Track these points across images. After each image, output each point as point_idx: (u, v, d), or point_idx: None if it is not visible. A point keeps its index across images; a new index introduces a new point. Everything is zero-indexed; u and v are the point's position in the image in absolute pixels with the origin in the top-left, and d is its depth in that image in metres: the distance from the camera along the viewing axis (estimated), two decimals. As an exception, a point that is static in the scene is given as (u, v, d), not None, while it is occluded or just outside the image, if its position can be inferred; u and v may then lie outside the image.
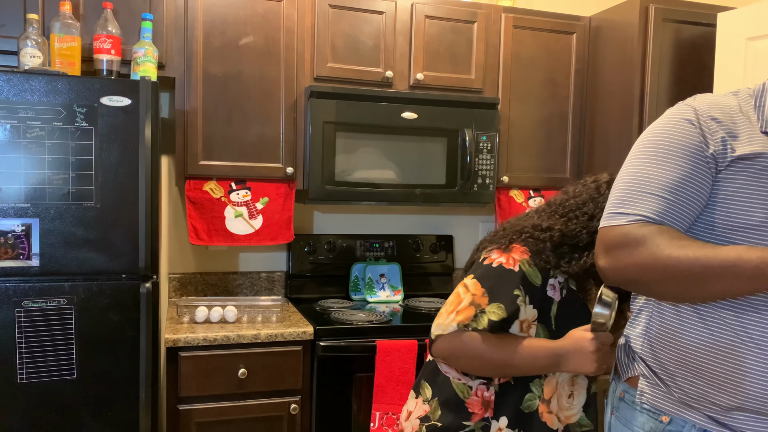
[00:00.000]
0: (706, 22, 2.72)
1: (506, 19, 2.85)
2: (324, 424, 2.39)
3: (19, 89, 1.93)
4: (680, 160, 1.12)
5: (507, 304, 1.29)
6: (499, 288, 1.30)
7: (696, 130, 1.13)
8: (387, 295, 2.94)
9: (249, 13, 2.53)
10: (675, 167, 1.12)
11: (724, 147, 1.11)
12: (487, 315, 1.28)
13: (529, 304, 1.31)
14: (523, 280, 1.31)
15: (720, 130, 1.12)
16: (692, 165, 1.12)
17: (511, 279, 1.31)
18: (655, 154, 1.15)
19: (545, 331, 1.35)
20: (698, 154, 1.12)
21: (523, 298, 1.30)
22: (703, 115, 1.14)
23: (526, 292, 1.31)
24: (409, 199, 2.67)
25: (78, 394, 2.02)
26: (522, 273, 1.31)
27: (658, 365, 1.22)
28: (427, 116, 2.66)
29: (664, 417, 1.21)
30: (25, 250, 1.97)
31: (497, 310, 1.28)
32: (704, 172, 1.12)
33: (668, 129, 1.16)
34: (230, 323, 2.41)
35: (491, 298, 1.29)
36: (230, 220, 2.61)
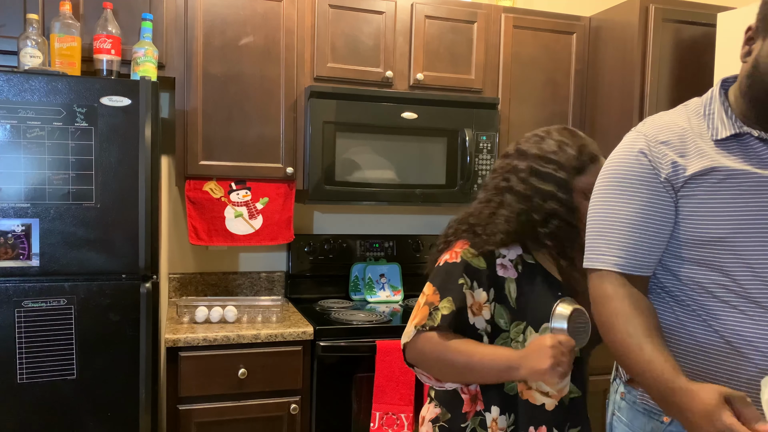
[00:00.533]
0: (706, 22, 2.72)
1: (506, 19, 2.85)
2: (324, 424, 2.39)
3: (19, 89, 1.93)
4: (639, 192, 1.15)
5: (455, 295, 1.31)
6: (446, 283, 1.33)
7: (646, 159, 1.16)
8: (387, 295, 2.94)
9: (249, 13, 2.53)
10: (635, 201, 1.15)
11: (675, 169, 1.13)
12: (440, 311, 1.31)
13: (478, 288, 1.33)
14: (466, 267, 1.33)
15: (669, 153, 1.14)
16: (651, 195, 1.15)
17: (455, 270, 1.33)
18: (615, 189, 1.18)
19: (505, 309, 1.35)
20: (654, 183, 1.15)
21: (469, 284, 1.32)
22: (652, 141, 1.17)
23: (471, 278, 1.33)
24: (409, 199, 2.67)
25: (78, 394, 2.02)
26: (464, 262, 1.34)
27: None
28: (427, 116, 2.66)
29: (665, 417, 1.22)
30: (25, 250, 1.97)
31: (447, 304, 1.31)
32: (664, 199, 1.15)
33: (623, 161, 1.19)
34: (230, 323, 2.41)
35: (441, 294, 1.33)
36: (230, 220, 2.61)
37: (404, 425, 2.33)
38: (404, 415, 2.33)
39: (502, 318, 1.35)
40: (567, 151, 1.37)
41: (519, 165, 1.39)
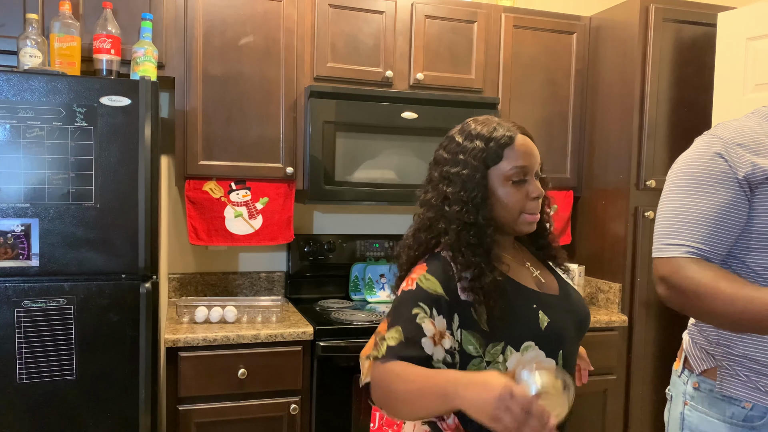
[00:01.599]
0: (706, 22, 2.72)
1: (506, 19, 2.85)
2: (324, 424, 2.39)
3: (18, 89, 1.93)
4: (716, 190, 1.27)
5: (404, 325, 1.18)
6: (398, 313, 1.21)
7: (722, 160, 1.28)
8: (387, 295, 2.94)
9: (249, 13, 2.53)
10: (713, 197, 1.27)
11: (754, 169, 1.25)
12: (386, 341, 1.18)
13: (438, 315, 1.18)
14: (422, 295, 1.20)
15: (746, 154, 1.27)
16: (728, 193, 1.27)
17: (409, 299, 1.21)
18: (691, 187, 1.30)
19: (474, 335, 1.21)
20: (731, 182, 1.27)
21: (426, 312, 1.18)
22: (728, 143, 1.28)
23: (429, 305, 1.19)
24: (409, 199, 2.66)
25: (78, 394, 2.02)
26: (419, 289, 1.21)
27: (737, 358, 1.32)
28: (427, 116, 2.66)
29: (747, 404, 1.31)
30: (24, 250, 1.97)
31: (395, 334, 1.18)
32: (740, 197, 1.27)
33: (699, 161, 1.31)
34: (230, 323, 2.41)
35: (390, 324, 1.20)
36: (230, 220, 2.61)
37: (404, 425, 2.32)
38: (404, 415, 2.32)
39: (470, 344, 1.21)
40: (474, 144, 1.26)
41: (434, 174, 1.32)
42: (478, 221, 1.23)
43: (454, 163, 1.28)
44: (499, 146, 1.26)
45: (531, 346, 1.22)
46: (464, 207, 1.24)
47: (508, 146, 1.26)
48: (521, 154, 1.26)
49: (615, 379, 2.79)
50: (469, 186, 1.24)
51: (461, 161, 1.27)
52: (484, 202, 1.24)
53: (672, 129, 2.75)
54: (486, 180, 1.25)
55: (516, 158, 1.25)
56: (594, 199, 2.98)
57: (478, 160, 1.25)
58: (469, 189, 1.24)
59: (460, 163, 1.27)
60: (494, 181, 1.26)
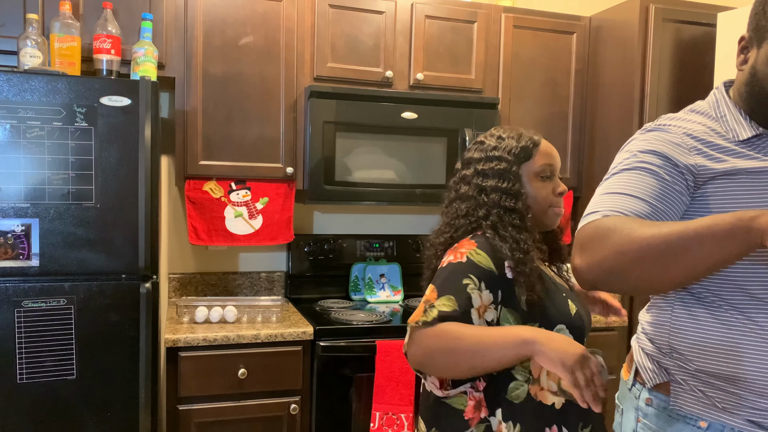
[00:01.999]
0: (706, 22, 2.72)
1: (506, 19, 2.85)
2: (324, 424, 2.39)
3: (19, 89, 1.93)
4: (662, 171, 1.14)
5: (457, 295, 1.24)
6: (447, 282, 1.27)
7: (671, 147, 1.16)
8: (387, 295, 2.94)
9: (249, 13, 2.53)
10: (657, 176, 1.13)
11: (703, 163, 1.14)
12: (437, 308, 1.24)
13: (486, 289, 1.26)
14: (473, 268, 1.27)
15: (697, 145, 1.16)
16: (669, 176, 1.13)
17: (460, 270, 1.28)
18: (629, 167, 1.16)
19: (512, 313, 1.29)
20: (669, 163, 1.14)
21: (476, 284, 1.26)
22: (678, 133, 1.18)
23: (479, 278, 1.26)
24: (409, 199, 2.67)
25: (78, 394, 2.02)
26: (470, 262, 1.28)
27: (690, 372, 1.21)
28: (427, 116, 2.66)
29: (702, 422, 1.19)
30: (24, 250, 1.97)
31: (447, 302, 1.24)
32: (681, 185, 1.13)
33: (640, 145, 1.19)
34: (230, 323, 2.41)
35: (440, 293, 1.27)
36: (230, 220, 2.61)
37: (404, 425, 2.33)
38: (404, 415, 2.33)
39: (507, 321, 1.29)
40: (506, 142, 1.39)
41: (466, 173, 1.42)
42: (518, 207, 1.34)
43: (488, 160, 1.39)
44: (530, 145, 1.39)
45: (563, 329, 1.32)
46: (504, 195, 1.35)
47: (537, 146, 1.40)
48: (548, 154, 1.41)
49: (614, 379, 2.79)
50: (507, 177, 1.36)
51: (495, 157, 1.39)
52: (521, 193, 1.36)
53: (672, 129, 2.75)
54: (519, 174, 1.38)
55: (545, 157, 1.39)
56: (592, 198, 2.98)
57: (512, 155, 1.38)
58: (507, 179, 1.36)
59: (495, 159, 1.39)
60: (525, 176, 1.38)
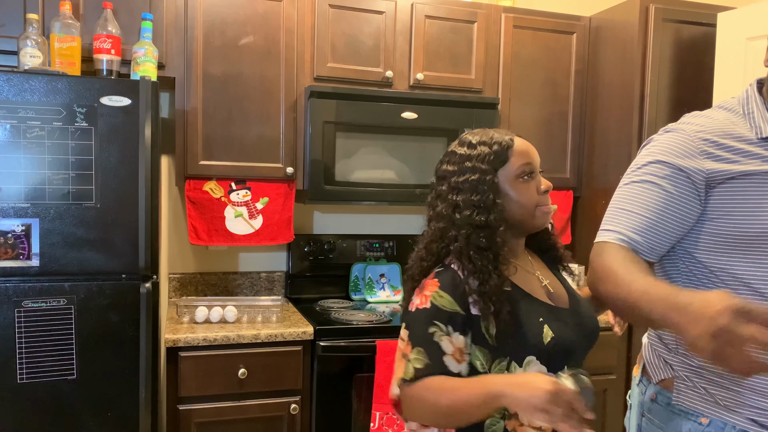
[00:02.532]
0: (706, 22, 2.72)
1: (506, 19, 2.85)
2: (324, 424, 2.39)
3: (19, 89, 1.93)
4: (665, 183, 1.19)
5: (426, 346, 1.20)
6: (416, 331, 1.23)
7: (684, 155, 1.19)
8: (387, 295, 2.94)
9: (249, 13, 2.53)
10: (658, 190, 1.20)
11: (715, 167, 1.17)
12: (411, 363, 1.20)
13: (455, 332, 1.21)
14: (437, 313, 1.22)
15: (710, 149, 1.18)
16: (676, 189, 1.19)
17: (425, 318, 1.22)
18: (641, 178, 1.23)
19: (482, 350, 1.23)
20: (682, 179, 1.19)
21: (443, 330, 1.21)
22: (692, 138, 1.20)
23: (445, 323, 1.21)
24: (409, 199, 2.67)
25: (78, 394, 2.02)
26: (434, 307, 1.22)
27: (694, 368, 1.24)
28: (427, 116, 2.66)
29: (703, 419, 1.21)
30: (25, 250, 1.97)
31: (418, 356, 1.20)
32: (689, 195, 1.19)
33: (659, 154, 1.22)
34: (230, 323, 2.41)
35: (413, 344, 1.22)
36: (230, 220, 2.61)
37: (404, 425, 2.32)
38: (404, 415, 2.32)
39: (478, 360, 1.23)
40: (479, 150, 1.30)
41: (442, 189, 1.33)
42: (490, 222, 1.25)
43: (461, 172, 1.30)
44: (504, 148, 1.29)
45: (533, 361, 1.23)
46: (475, 210, 1.26)
47: (511, 147, 1.30)
48: (524, 153, 1.31)
49: (615, 379, 2.79)
50: (480, 189, 1.27)
51: (468, 168, 1.29)
52: (495, 204, 1.26)
53: (672, 129, 2.75)
54: (496, 182, 1.28)
55: (521, 156, 1.30)
56: (594, 199, 2.99)
57: (486, 163, 1.28)
58: (480, 191, 1.27)
59: (468, 170, 1.29)
60: (504, 182, 1.29)
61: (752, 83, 1.26)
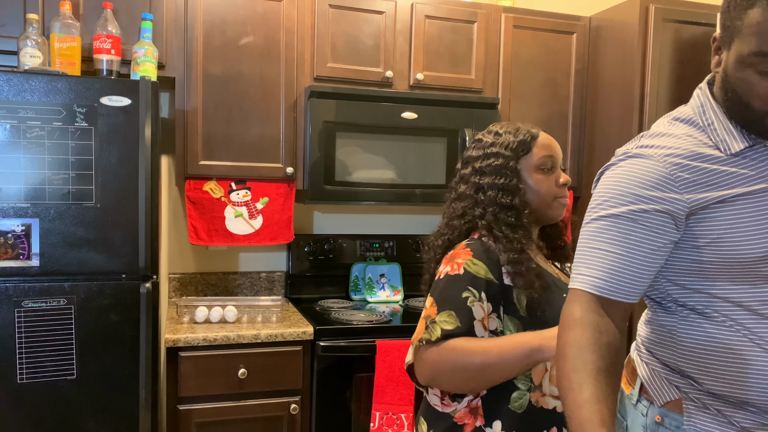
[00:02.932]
0: (706, 22, 2.72)
1: (506, 19, 2.85)
2: (324, 424, 2.39)
3: (19, 89, 1.93)
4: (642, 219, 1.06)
5: (458, 310, 1.23)
6: (446, 296, 1.25)
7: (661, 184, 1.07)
8: (387, 295, 2.94)
9: (249, 13, 2.53)
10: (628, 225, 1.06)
11: (696, 193, 1.06)
12: (438, 324, 1.22)
13: (486, 300, 1.25)
14: (472, 279, 1.25)
15: (685, 173, 1.06)
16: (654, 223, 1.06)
17: (458, 283, 1.25)
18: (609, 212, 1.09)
19: (513, 320, 1.27)
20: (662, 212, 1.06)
21: (475, 296, 1.24)
22: (663, 163, 1.07)
23: (478, 289, 1.25)
24: (409, 199, 2.67)
25: (78, 394, 2.02)
26: (468, 273, 1.26)
27: (704, 389, 1.15)
28: (427, 116, 2.66)
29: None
30: (25, 250, 1.97)
31: (448, 318, 1.22)
32: (667, 227, 1.07)
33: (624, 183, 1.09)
34: (230, 323, 2.41)
35: (440, 307, 1.25)
36: (230, 220, 2.61)
37: (404, 425, 2.33)
38: (404, 415, 2.33)
39: (509, 330, 1.27)
40: (504, 138, 1.37)
41: (465, 172, 1.40)
42: (515, 204, 1.31)
43: (486, 157, 1.37)
44: (528, 139, 1.36)
45: None
46: (500, 192, 1.32)
47: (535, 139, 1.37)
48: (548, 146, 1.37)
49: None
50: (504, 173, 1.33)
51: (493, 153, 1.36)
52: (518, 188, 1.33)
53: (672, 129, 2.75)
54: (518, 168, 1.34)
55: (544, 149, 1.36)
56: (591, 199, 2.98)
57: (510, 150, 1.35)
58: (504, 175, 1.33)
59: (492, 155, 1.36)
60: (525, 171, 1.35)
61: (701, 85, 1.15)
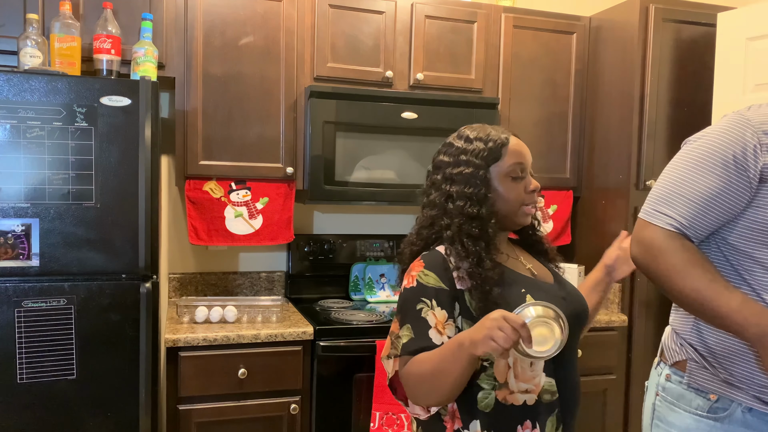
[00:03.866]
0: (706, 22, 2.72)
1: (506, 19, 2.85)
2: (324, 424, 2.39)
3: (19, 89, 1.93)
4: (720, 172, 1.26)
5: (414, 322, 1.28)
6: (405, 311, 1.30)
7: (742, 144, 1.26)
8: (387, 295, 2.94)
9: (249, 13, 2.53)
10: (714, 178, 1.27)
11: None
12: (401, 339, 1.28)
13: (437, 306, 1.28)
14: (423, 290, 1.29)
15: None
16: (730, 178, 1.26)
17: (412, 296, 1.30)
18: (697, 162, 1.29)
19: (469, 324, 1.27)
20: (738, 169, 1.25)
21: (428, 305, 1.28)
22: (756, 129, 1.26)
23: (429, 298, 1.28)
24: (409, 199, 2.66)
25: (78, 394, 2.02)
26: (420, 285, 1.30)
27: (707, 350, 1.35)
28: (427, 116, 2.66)
29: (712, 395, 1.34)
30: (25, 250, 1.97)
31: (407, 332, 1.28)
32: (741, 186, 1.26)
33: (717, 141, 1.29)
34: (230, 323, 2.41)
35: (401, 323, 1.30)
36: (230, 220, 2.61)
37: (404, 425, 2.33)
38: (404, 415, 2.33)
39: None
40: (474, 145, 1.37)
41: (436, 178, 1.41)
42: (481, 214, 1.32)
43: (456, 164, 1.37)
44: (498, 146, 1.36)
45: None
46: (468, 201, 1.33)
47: (505, 146, 1.37)
48: (518, 153, 1.37)
49: (615, 378, 2.79)
50: (473, 182, 1.34)
51: (463, 161, 1.37)
52: (486, 198, 1.34)
53: (672, 129, 2.75)
54: (488, 177, 1.35)
55: (514, 156, 1.37)
56: (594, 199, 2.98)
57: (480, 158, 1.36)
58: (473, 185, 1.34)
59: (462, 163, 1.37)
60: (495, 178, 1.36)
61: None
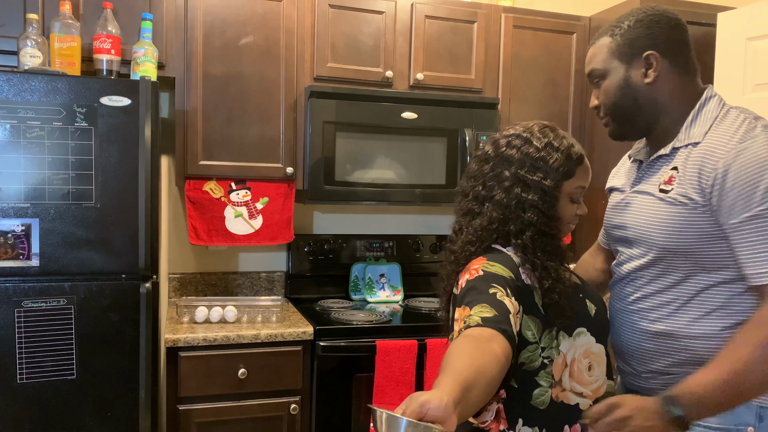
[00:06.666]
0: (706, 22, 2.71)
1: (506, 19, 2.85)
2: (324, 424, 2.39)
3: (19, 89, 1.93)
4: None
5: (490, 302, 1.14)
6: (473, 295, 1.17)
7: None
8: (387, 295, 2.94)
9: (249, 13, 2.53)
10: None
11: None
12: (473, 317, 1.11)
13: (512, 296, 1.18)
14: (493, 278, 1.19)
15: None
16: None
17: (480, 282, 1.19)
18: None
19: (533, 320, 1.22)
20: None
21: (503, 292, 1.16)
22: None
23: (503, 285, 1.18)
24: (409, 199, 2.67)
25: (78, 394, 2.02)
26: (488, 273, 1.20)
27: None
28: (427, 116, 2.66)
29: None
30: (25, 250, 1.97)
31: (482, 309, 1.12)
32: None
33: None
34: (230, 323, 2.41)
35: (471, 305, 1.15)
36: (230, 220, 2.61)
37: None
38: (404, 415, 2.32)
39: (529, 330, 1.22)
40: (554, 156, 1.28)
41: (503, 173, 1.29)
42: (555, 233, 1.28)
43: (533, 169, 1.28)
44: (574, 163, 1.30)
45: (583, 332, 1.28)
46: (543, 217, 1.26)
47: (580, 165, 1.31)
48: (585, 176, 1.33)
49: (615, 378, 2.78)
50: (547, 198, 1.27)
51: (543, 169, 1.28)
52: (557, 218, 1.29)
53: (672, 129, 2.75)
54: (557, 196, 1.29)
55: (582, 178, 1.32)
56: (594, 199, 2.97)
57: (559, 174, 1.28)
58: (547, 201, 1.27)
59: (542, 170, 1.28)
60: (561, 195, 1.30)
61: None
